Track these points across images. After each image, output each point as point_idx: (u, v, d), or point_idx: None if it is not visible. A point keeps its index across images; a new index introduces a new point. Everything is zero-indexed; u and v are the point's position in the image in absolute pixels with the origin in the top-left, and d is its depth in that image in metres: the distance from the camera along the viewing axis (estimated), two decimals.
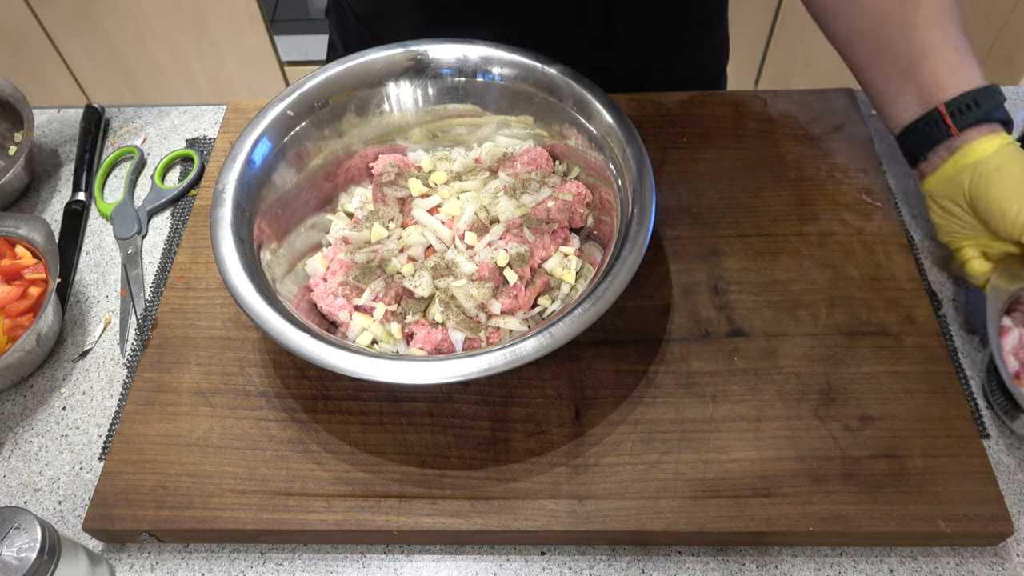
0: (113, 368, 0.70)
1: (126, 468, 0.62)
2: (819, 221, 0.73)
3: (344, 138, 0.72)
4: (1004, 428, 0.63)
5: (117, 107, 0.90)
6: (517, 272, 0.65)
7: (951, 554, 0.58)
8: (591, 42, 0.80)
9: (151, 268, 0.76)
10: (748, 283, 0.69)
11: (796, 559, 0.58)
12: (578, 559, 0.59)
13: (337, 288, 0.66)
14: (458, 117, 0.74)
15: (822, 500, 0.58)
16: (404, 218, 0.71)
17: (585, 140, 0.69)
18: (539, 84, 0.70)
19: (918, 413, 0.62)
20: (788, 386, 0.64)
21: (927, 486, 0.58)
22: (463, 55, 0.71)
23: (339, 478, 0.61)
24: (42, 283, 0.70)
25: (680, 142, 0.79)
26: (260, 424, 0.63)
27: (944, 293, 0.71)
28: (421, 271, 0.66)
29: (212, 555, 0.60)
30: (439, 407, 0.64)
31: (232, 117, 0.84)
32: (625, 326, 0.67)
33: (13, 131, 0.84)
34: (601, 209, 0.69)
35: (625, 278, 0.58)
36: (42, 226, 0.72)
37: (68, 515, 0.62)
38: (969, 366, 0.67)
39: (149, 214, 0.80)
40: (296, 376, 0.66)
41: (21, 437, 0.66)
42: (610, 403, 0.63)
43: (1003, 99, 0.63)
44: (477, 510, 0.59)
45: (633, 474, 0.60)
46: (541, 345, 0.55)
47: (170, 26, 1.77)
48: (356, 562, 0.60)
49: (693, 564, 0.59)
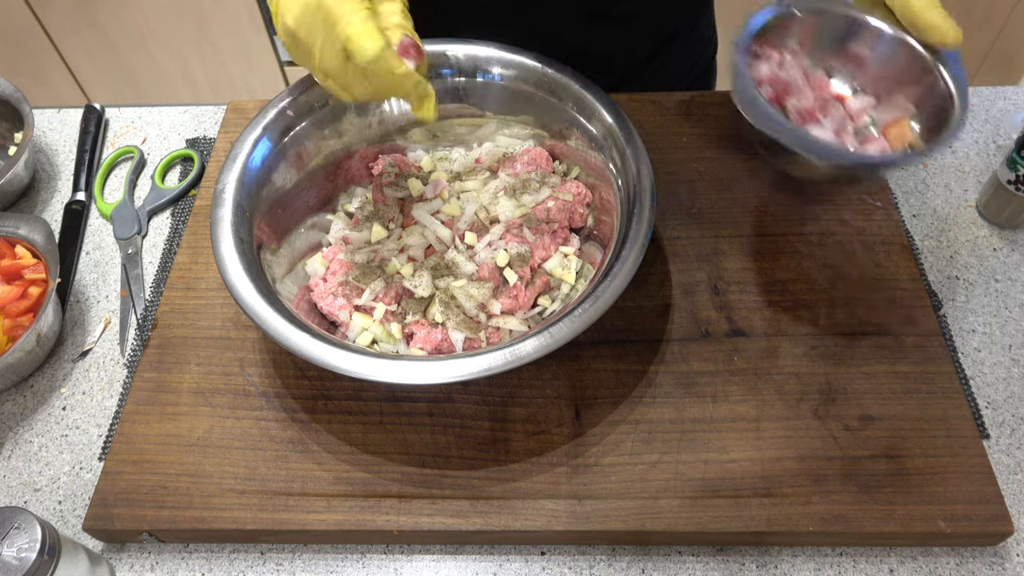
0: (113, 368, 0.70)
1: (126, 468, 0.62)
2: (819, 221, 0.73)
3: (344, 138, 0.72)
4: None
5: (117, 107, 0.90)
6: (517, 272, 0.65)
7: (951, 554, 0.58)
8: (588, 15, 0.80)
9: (151, 268, 0.76)
10: (748, 283, 0.69)
11: (796, 559, 0.58)
12: (578, 559, 0.59)
13: (337, 288, 0.66)
14: (458, 117, 0.74)
15: (822, 500, 0.58)
16: (404, 218, 0.71)
17: (585, 140, 0.69)
18: (539, 84, 0.70)
19: (918, 413, 0.62)
20: (788, 386, 0.64)
21: (927, 486, 0.58)
22: (463, 55, 0.71)
23: (339, 478, 0.61)
24: (42, 283, 0.70)
25: (680, 142, 0.79)
26: (260, 424, 0.63)
27: (944, 293, 0.71)
28: (421, 271, 0.66)
29: (212, 555, 0.60)
30: (439, 407, 0.64)
31: (232, 117, 0.84)
32: (625, 326, 0.67)
33: (13, 131, 0.84)
34: (601, 209, 0.69)
35: (625, 278, 0.58)
36: (42, 226, 0.72)
37: (68, 515, 0.62)
38: (969, 366, 0.67)
39: (149, 214, 0.80)
40: (296, 376, 0.66)
41: (21, 437, 0.66)
42: (610, 403, 0.63)
43: None
44: (477, 510, 0.59)
45: (633, 474, 0.60)
46: (541, 345, 0.55)
47: (170, 26, 1.77)
48: (356, 562, 0.60)
49: (693, 564, 0.59)
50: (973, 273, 0.72)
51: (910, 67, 0.61)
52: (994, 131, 0.82)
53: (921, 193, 0.77)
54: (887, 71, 0.63)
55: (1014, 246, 0.73)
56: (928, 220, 0.75)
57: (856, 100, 0.64)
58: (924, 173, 0.79)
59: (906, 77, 0.62)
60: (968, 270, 0.72)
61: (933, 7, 0.59)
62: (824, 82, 0.64)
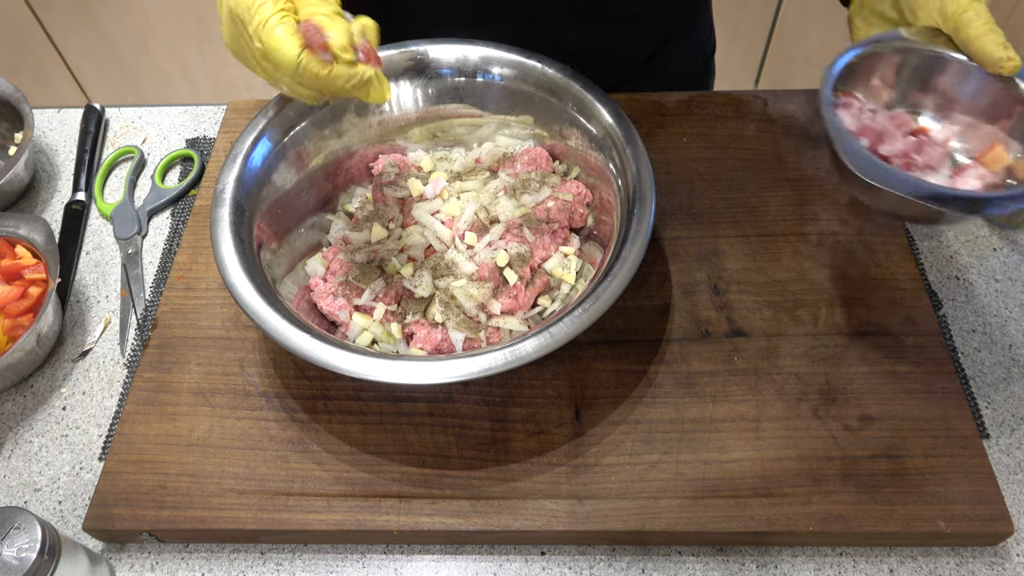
0: (113, 368, 0.70)
1: (126, 468, 0.62)
2: (819, 221, 0.73)
3: (344, 138, 0.72)
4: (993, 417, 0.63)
5: (117, 107, 0.90)
6: (517, 272, 0.65)
7: (951, 554, 0.58)
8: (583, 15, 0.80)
9: (151, 268, 0.76)
10: (748, 283, 0.69)
11: (796, 559, 0.58)
12: (578, 559, 0.59)
13: (337, 288, 0.66)
14: (458, 117, 0.74)
15: (822, 500, 0.58)
16: (404, 218, 0.71)
17: (585, 140, 0.69)
18: (539, 84, 0.70)
19: (918, 413, 0.62)
20: (788, 386, 0.64)
21: (927, 486, 0.58)
22: (463, 55, 0.71)
23: (339, 478, 0.61)
24: (42, 283, 0.70)
25: (680, 142, 0.79)
26: (260, 424, 0.63)
27: (944, 293, 0.71)
28: (421, 271, 0.66)
29: (212, 555, 0.60)
30: (439, 407, 0.64)
31: (232, 117, 0.84)
32: (625, 326, 0.67)
33: (13, 131, 0.84)
34: (601, 209, 0.69)
35: (625, 278, 0.58)
36: (42, 226, 0.72)
37: (68, 515, 0.62)
38: (969, 366, 0.67)
39: (149, 214, 0.80)
40: (296, 376, 0.66)
41: (21, 437, 0.66)
42: (610, 403, 0.63)
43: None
44: (477, 510, 0.59)
45: (633, 474, 0.60)
46: (541, 345, 0.55)
47: (170, 26, 1.77)
48: (356, 562, 0.60)
49: (693, 564, 0.59)
50: (973, 273, 0.72)
51: (999, 98, 0.58)
52: None
53: None
54: (975, 106, 0.60)
55: (1014, 246, 0.73)
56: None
57: (941, 131, 0.61)
58: None
59: (996, 110, 0.59)
60: (968, 270, 0.72)
61: (988, 32, 0.56)
62: (904, 117, 0.61)
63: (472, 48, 0.71)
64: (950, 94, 0.61)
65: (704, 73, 0.98)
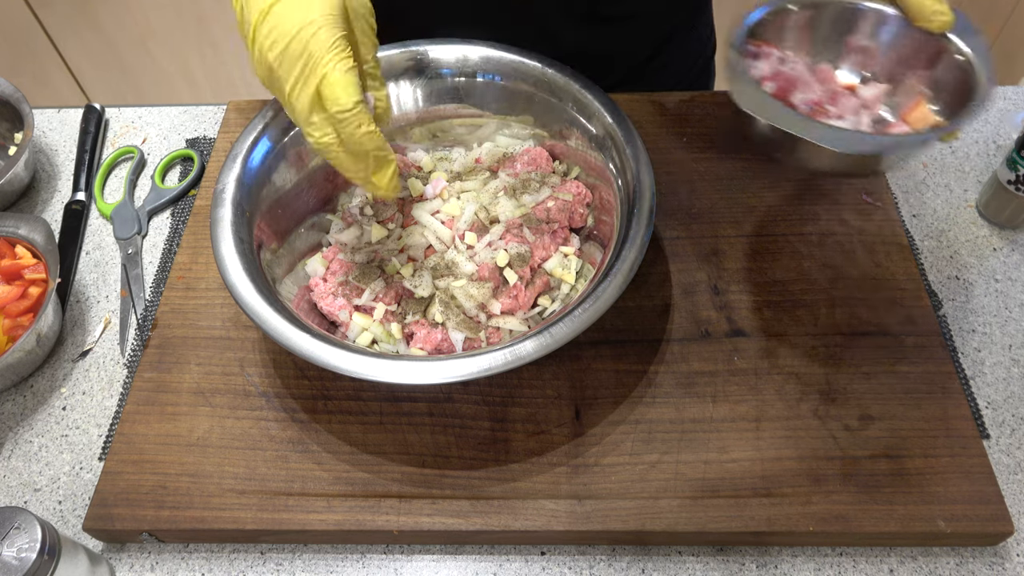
0: (113, 368, 0.70)
1: (126, 468, 0.62)
2: (819, 221, 0.73)
3: None
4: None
5: (117, 107, 0.90)
6: (517, 272, 0.65)
7: (951, 554, 0.58)
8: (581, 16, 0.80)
9: (151, 268, 0.76)
10: (748, 283, 0.69)
11: (796, 559, 0.58)
12: (578, 559, 0.59)
13: (337, 288, 0.66)
14: (458, 117, 0.74)
15: (822, 500, 0.58)
16: (404, 218, 0.71)
17: (585, 140, 0.69)
18: (539, 84, 0.70)
19: (918, 413, 0.62)
20: (788, 386, 0.64)
21: (927, 486, 0.58)
22: (463, 55, 0.71)
23: (339, 478, 0.61)
24: (42, 283, 0.70)
25: (680, 142, 0.79)
26: (260, 424, 0.63)
27: (944, 293, 0.71)
28: (421, 271, 0.66)
29: (212, 555, 0.60)
30: (439, 407, 0.64)
31: (232, 117, 0.84)
32: (625, 326, 0.67)
33: (13, 131, 0.84)
34: (601, 209, 0.69)
35: (625, 278, 0.58)
36: (42, 226, 0.72)
37: (68, 515, 0.62)
38: (969, 366, 0.67)
39: (149, 214, 0.80)
40: (296, 376, 0.66)
41: (21, 437, 0.66)
42: (610, 403, 0.63)
43: None
44: (477, 510, 0.59)
45: (633, 474, 0.60)
46: (541, 345, 0.55)
47: (170, 26, 1.77)
48: (356, 562, 0.60)
49: (693, 564, 0.59)
50: (973, 273, 0.72)
51: (920, 47, 0.59)
52: (994, 131, 0.82)
53: (921, 193, 0.77)
54: (896, 55, 0.61)
55: (1014, 246, 0.73)
56: (928, 220, 0.75)
57: (867, 89, 0.62)
58: (924, 173, 0.79)
59: (917, 59, 0.59)
60: (968, 270, 0.72)
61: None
62: (830, 73, 0.62)
63: (472, 48, 0.71)
64: (868, 45, 0.62)
65: (704, 74, 0.98)
